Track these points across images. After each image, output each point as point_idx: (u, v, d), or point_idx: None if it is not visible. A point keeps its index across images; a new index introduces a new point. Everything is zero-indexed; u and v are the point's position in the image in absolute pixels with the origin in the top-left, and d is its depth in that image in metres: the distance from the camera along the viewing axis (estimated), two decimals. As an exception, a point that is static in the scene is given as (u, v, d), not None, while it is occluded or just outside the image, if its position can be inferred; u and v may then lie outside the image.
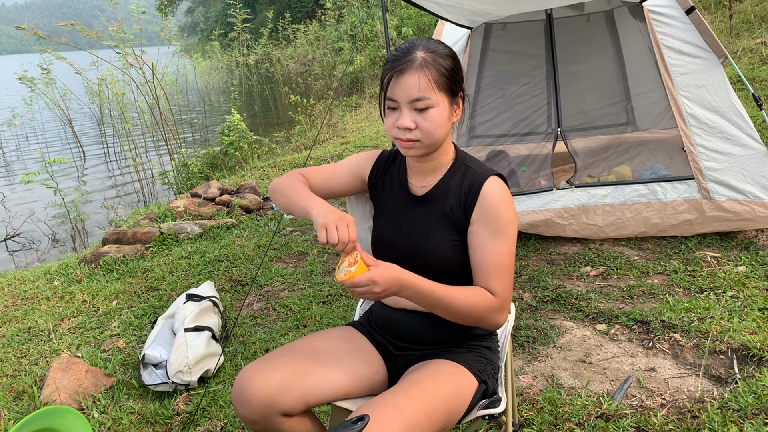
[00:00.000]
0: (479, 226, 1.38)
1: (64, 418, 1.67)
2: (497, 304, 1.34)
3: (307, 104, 8.53)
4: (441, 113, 1.33)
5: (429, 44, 1.35)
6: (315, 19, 20.53)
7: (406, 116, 1.32)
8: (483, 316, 1.34)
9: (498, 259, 1.35)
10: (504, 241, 1.36)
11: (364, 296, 1.24)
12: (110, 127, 10.42)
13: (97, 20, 10.03)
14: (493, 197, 1.37)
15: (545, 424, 2.00)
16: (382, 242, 1.50)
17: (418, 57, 1.31)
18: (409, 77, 1.30)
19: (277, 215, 4.67)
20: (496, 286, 1.35)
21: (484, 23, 3.93)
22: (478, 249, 1.37)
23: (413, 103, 1.31)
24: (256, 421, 1.33)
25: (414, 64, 1.31)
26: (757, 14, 8.12)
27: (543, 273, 3.17)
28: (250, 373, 1.34)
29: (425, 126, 1.32)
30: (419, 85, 1.30)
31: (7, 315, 3.33)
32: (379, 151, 1.61)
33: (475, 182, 1.41)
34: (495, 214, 1.36)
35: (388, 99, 1.34)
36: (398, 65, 1.32)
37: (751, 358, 2.25)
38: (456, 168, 1.46)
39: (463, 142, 3.95)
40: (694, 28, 3.30)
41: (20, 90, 10.49)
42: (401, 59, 1.32)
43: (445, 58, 1.34)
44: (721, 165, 3.24)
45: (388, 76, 1.33)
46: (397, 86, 1.32)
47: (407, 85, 1.30)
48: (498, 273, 1.35)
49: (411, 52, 1.32)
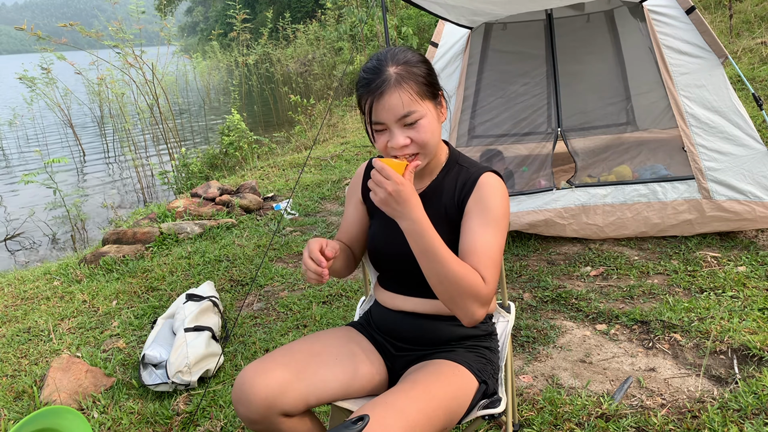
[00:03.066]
0: (472, 215, 1.36)
1: (64, 418, 1.67)
2: (484, 291, 1.27)
3: (307, 104, 8.53)
4: (431, 121, 1.32)
5: (396, 56, 1.32)
6: (315, 18, 20.53)
7: (398, 135, 1.30)
8: (467, 294, 1.25)
9: (488, 249, 1.31)
10: (495, 232, 1.33)
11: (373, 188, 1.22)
12: (110, 127, 10.42)
13: (97, 20, 10.03)
14: (489, 188, 1.37)
15: (545, 424, 2.00)
16: (377, 248, 1.50)
17: (392, 73, 1.28)
18: (389, 97, 1.27)
19: (277, 215, 4.67)
20: (486, 273, 1.29)
21: (484, 23, 3.93)
22: (469, 234, 1.34)
23: (401, 120, 1.29)
24: (256, 421, 1.33)
25: (390, 82, 1.27)
26: (757, 14, 8.12)
27: (543, 273, 3.17)
28: (251, 373, 1.34)
29: (420, 138, 1.31)
30: (402, 102, 1.28)
31: (7, 315, 3.33)
32: (364, 165, 1.61)
33: (469, 179, 1.40)
34: (489, 204, 1.35)
35: (374, 123, 1.31)
36: (375, 88, 1.28)
37: (751, 358, 2.25)
38: (449, 167, 1.46)
39: (463, 142, 3.95)
40: (695, 28, 3.30)
41: (20, 90, 10.48)
42: (374, 81, 1.29)
43: (418, 66, 1.32)
44: (722, 165, 3.24)
45: (368, 101, 1.30)
46: (380, 109, 1.28)
47: (390, 105, 1.27)
48: (488, 262, 1.30)
49: (382, 71, 1.29)
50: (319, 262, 1.28)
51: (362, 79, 1.32)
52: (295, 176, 6.00)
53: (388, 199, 1.22)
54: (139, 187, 7.47)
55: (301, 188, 5.39)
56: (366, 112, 1.31)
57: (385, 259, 1.48)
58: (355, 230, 1.60)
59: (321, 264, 1.28)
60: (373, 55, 1.36)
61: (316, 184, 5.47)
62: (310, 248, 1.31)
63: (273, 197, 5.21)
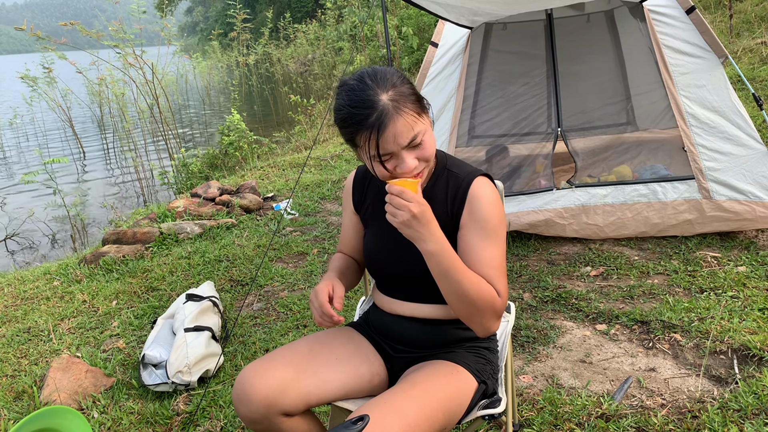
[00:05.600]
0: (469, 230, 1.35)
1: (64, 418, 1.67)
2: (499, 304, 1.32)
3: (307, 104, 8.53)
4: (431, 133, 1.31)
5: (378, 80, 1.25)
6: (315, 18, 20.52)
7: (407, 160, 1.25)
8: (484, 310, 1.28)
9: (494, 260, 1.33)
10: (496, 242, 1.34)
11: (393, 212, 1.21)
12: (110, 127, 10.42)
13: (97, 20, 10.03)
14: (481, 199, 1.35)
15: (545, 424, 2.00)
16: (373, 257, 1.50)
17: (386, 102, 1.22)
18: (394, 126, 1.21)
19: (277, 215, 4.67)
20: (498, 286, 1.33)
21: (484, 23, 3.93)
22: (472, 252, 1.34)
23: (410, 144, 1.25)
24: (256, 420, 1.33)
25: (388, 111, 1.21)
26: (757, 14, 8.12)
27: (543, 273, 3.17)
28: (251, 373, 1.34)
29: (426, 154, 1.29)
30: (409, 128, 1.24)
31: (7, 315, 3.33)
32: (352, 175, 1.60)
33: (460, 187, 1.38)
34: (485, 217, 1.34)
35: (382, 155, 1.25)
36: (375, 122, 1.21)
37: (752, 358, 2.25)
38: (438, 174, 1.43)
39: (463, 142, 3.95)
40: (695, 28, 3.30)
41: (20, 90, 10.49)
42: (372, 114, 1.21)
43: (404, 84, 1.27)
44: (722, 165, 3.24)
45: (370, 136, 1.22)
46: (387, 140, 1.22)
47: (396, 133, 1.22)
48: (497, 273, 1.33)
49: (375, 101, 1.22)
50: (330, 318, 1.33)
51: (354, 116, 1.23)
52: (295, 176, 6.00)
53: (412, 222, 1.20)
54: (139, 187, 7.47)
55: (301, 188, 5.39)
56: (369, 146, 1.23)
57: (382, 268, 1.48)
58: (356, 242, 1.61)
59: (333, 319, 1.33)
60: (349, 86, 1.26)
61: (316, 184, 5.47)
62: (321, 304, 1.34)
63: (273, 197, 5.21)
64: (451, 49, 3.86)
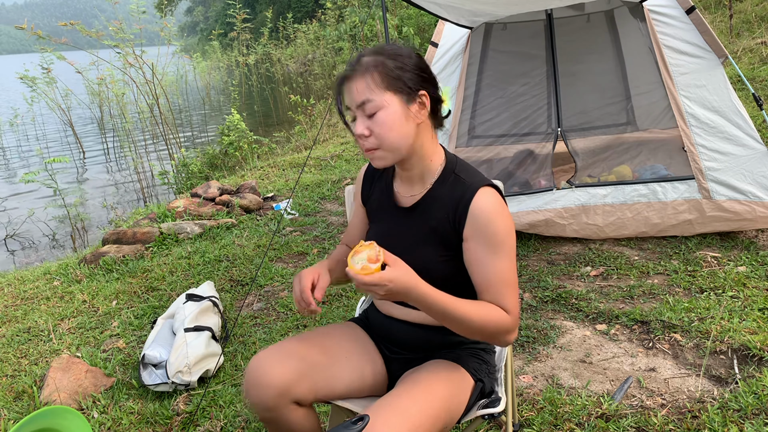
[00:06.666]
0: (475, 244, 1.31)
1: (64, 418, 1.66)
2: (511, 323, 1.29)
3: (307, 104, 8.53)
4: (390, 114, 1.27)
5: (378, 48, 1.33)
6: (315, 18, 20.51)
7: (359, 123, 1.30)
8: (496, 334, 1.28)
9: (502, 275, 1.29)
10: (504, 255, 1.29)
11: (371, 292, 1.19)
12: (110, 127, 10.42)
13: (97, 20, 10.03)
14: (486, 212, 1.29)
15: (545, 424, 2.00)
16: None
17: (364, 62, 1.30)
18: (353, 83, 1.29)
19: (277, 215, 4.67)
20: (507, 303, 1.29)
21: (484, 23, 3.93)
22: (479, 267, 1.30)
23: (361, 107, 1.28)
24: (269, 407, 1.33)
25: (360, 69, 1.29)
26: (758, 14, 8.12)
27: (543, 273, 3.17)
28: (266, 359, 1.35)
29: (376, 130, 1.28)
30: (362, 88, 1.27)
31: (7, 315, 3.33)
32: (364, 167, 1.61)
33: (463, 197, 1.32)
34: (490, 230, 1.29)
35: (346, 109, 1.33)
36: (346, 72, 1.31)
37: (752, 358, 2.25)
38: (445, 177, 1.39)
39: (463, 142, 3.95)
40: (695, 28, 3.30)
41: (21, 90, 10.49)
42: (349, 68, 1.31)
43: (394, 58, 1.30)
44: (722, 165, 3.24)
45: (339, 84, 1.33)
46: (346, 93, 1.31)
47: (352, 89, 1.29)
48: (506, 290, 1.29)
49: (359, 59, 1.31)
50: (308, 306, 1.33)
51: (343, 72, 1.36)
52: (295, 176, 6.00)
53: (390, 296, 1.19)
54: (139, 187, 7.47)
55: (301, 188, 5.39)
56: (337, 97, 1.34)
57: None
58: (360, 234, 1.61)
59: (310, 308, 1.33)
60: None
61: (316, 184, 5.47)
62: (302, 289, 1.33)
63: (273, 197, 5.21)
64: (451, 49, 3.86)
